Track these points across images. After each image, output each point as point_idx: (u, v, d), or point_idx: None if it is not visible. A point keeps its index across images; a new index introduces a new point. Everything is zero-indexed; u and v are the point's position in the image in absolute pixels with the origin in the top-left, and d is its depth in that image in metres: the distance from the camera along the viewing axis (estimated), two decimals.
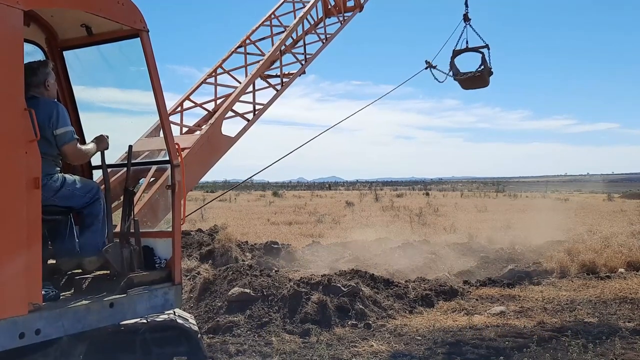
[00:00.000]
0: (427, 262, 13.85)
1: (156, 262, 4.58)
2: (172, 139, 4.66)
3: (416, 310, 9.43)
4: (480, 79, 12.02)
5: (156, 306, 4.38)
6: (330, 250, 15.95)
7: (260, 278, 9.16)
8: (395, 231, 20.08)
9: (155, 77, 4.45)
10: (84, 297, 3.97)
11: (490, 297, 10.52)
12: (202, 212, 27.08)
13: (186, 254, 13.49)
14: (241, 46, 8.31)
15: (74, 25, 4.56)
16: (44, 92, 4.12)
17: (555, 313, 9.20)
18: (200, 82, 7.86)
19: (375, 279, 10.40)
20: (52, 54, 4.77)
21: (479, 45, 12.05)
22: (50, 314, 3.58)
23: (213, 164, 7.01)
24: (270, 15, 8.82)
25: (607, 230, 17.69)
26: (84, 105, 5.07)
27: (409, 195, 54.47)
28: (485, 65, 11.85)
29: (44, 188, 3.70)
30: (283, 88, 8.64)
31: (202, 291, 9.32)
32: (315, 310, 8.42)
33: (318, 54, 9.56)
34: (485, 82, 12.12)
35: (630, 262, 13.14)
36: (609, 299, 10.11)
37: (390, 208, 33.09)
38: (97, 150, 4.36)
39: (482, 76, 11.97)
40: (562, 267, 12.64)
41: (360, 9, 10.70)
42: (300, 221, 25.59)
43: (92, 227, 4.26)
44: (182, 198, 4.62)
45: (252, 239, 17.48)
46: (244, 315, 8.31)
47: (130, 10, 4.30)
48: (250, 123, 7.88)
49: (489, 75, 11.98)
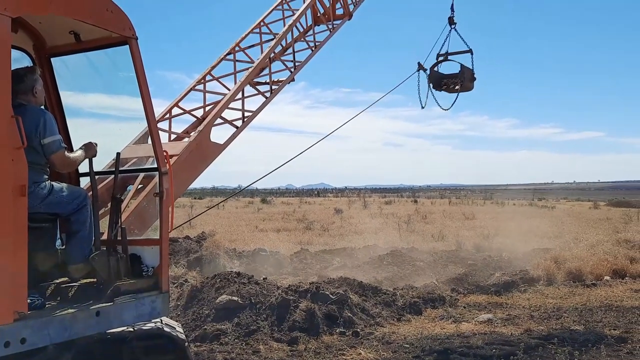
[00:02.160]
0: (415, 270, 13.89)
1: (143, 269, 4.55)
2: (160, 146, 4.64)
3: (404, 318, 9.45)
4: (463, 87, 12.02)
5: (143, 314, 4.35)
6: (318, 258, 15.95)
7: (248, 285, 9.14)
8: (384, 238, 20.11)
9: (143, 85, 4.44)
10: (70, 305, 3.93)
11: (477, 304, 10.57)
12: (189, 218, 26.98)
13: (174, 261, 13.43)
14: (230, 53, 8.31)
15: (62, 32, 4.53)
16: (31, 99, 4.09)
17: (542, 321, 9.26)
18: (189, 89, 7.84)
19: (364, 286, 10.41)
20: (39, 60, 4.74)
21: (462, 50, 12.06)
22: (35, 322, 3.54)
23: (202, 171, 6.99)
24: (259, 23, 8.83)
25: (593, 238, 17.85)
26: (72, 111, 5.04)
27: (397, 202, 54.60)
28: (464, 74, 11.82)
29: (31, 195, 3.67)
30: (272, 95, 8.65)
31: (189, 299, 9.27)
32: (304, 318, 8.41)
33: (307, 61, 9.58)
34: (467, 88, 12.11)
35: (616, 270, 13.28)
36: (594, 306, 10.20)
37: (379, 215, 33.14)
38: (85, 157, 4.33)
39: (463, 86, 11.97)
40: (548, 275, 12.73)
41: (350, 17, 10.74)
42: (289, 228, 25.57)
43: (78, 234, 4.23)
44: (170, 205, 4.60)
45: (240, 245, 17.43)
46: (231, 323, 8.28)
47: (119, 18, 4.29)
48: (239, 130, 7.87)
49: (472, 81, 11.97)
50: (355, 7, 10.93)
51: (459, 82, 11.83)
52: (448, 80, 11.98)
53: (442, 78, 12.03)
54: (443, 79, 12.01)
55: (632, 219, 27.67)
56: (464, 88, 11.96)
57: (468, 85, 11.99)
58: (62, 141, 4.12)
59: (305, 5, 9.48)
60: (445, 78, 12.01)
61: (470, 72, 11.85)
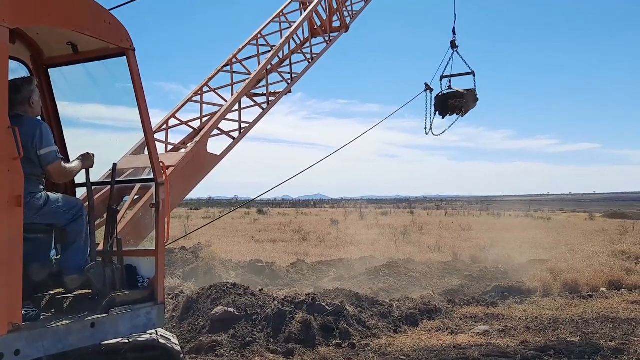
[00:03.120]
0: (411, 281, 13.87)
1: (139, 281, 4.53)
2: (157, 157, 4.64)
3: (400, 330, 9.42)
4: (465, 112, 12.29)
5: (138, 326, 4.33)
6: (314, 269, 15.92)
7: (244, 297, 9.10)
8: (380, 249, 20.09)
9: (140, 96, 4.45)
10: (65, 316, 3.91)
11: (474, 316, 10.55)
12: (185, 230, 26.89)
13: (169, 272, 13.37)
14: (228, 65, 8.34)
15: (60, 43, 4.54)
16: (28, 109, 4.09)
17: (538, 332, 9.24)
18: (187, 100, 7.87)
19: (360, 297, 10.38)
20: (37, 71, 4.75)
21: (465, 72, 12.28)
22: (30, 334, 3.52)
23: (198, 182, 6.98)
24: (257, 35, 8.87)
25: (588, 249, 17.88)
26: (69, 121, 5.04)
27: (393, 213, 54.56)
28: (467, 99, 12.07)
29: (27, 206, 3.66)
30: (269, 106, 8.67)
31: (185, 310, 9.22)
32: (300, 330, 8.38)
33: (304, 73, 9.63)
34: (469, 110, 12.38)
35: (612, 282, 13.29)
36: (591, 318, 10.19)
37: (375, 226, 33.11)
38: (82, 167, 4.33)
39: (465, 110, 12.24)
40: (545, 286, 12.73)
41: (346, 29, 10.82)
42: (285, 239, 25.51)
43: (74, 245, 4.21)
44: (167, 216, 4.60)
45: (236, 257, 17.38)
46: (227, 334, 8.23)
47: (116, 29, 4.31)
48: (236, 141, 7.88)
49: (475, 101, 12.19)
50: (352, 20, 11.02)
51: (462, 108, 12.10)
52: (452, 102, 12.19)
53: (447, 99, 12.22)
54: (448, 100, 12.20)
55: (627, 230, 27.72)
56: (465, 112, 12.21)
57: (470, 108, 12.26)
58: (59, 152, 4.12)
59: (302, 18, 9.54)
60: (450, 99, 12.19)
61: (473, 95, 12.08)
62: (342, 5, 10.65)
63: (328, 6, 10.37)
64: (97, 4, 4.21)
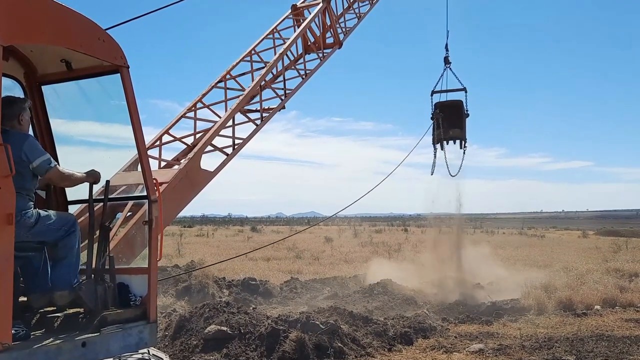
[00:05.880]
0: (406, 299, 13.80)
1: (131, 299, 4.48)
2: (150, 174, 4.62)
3: (395, 348, 9.35)
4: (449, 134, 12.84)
5: (130, 345, 4.27)
6: (308, 287, 15.83)
7: (238, 315, 9.02)
8: (374, 267, 20.00)
9: (134, 113, 4.44)
10: (55, 336, 3.85)
11: (469, 334, 10.49)
12: (178, 247, 26.73)
13: (162, 290, 13.25)
14: (221, 81, 8.36)
15: (53, 60, 4.54)
16: (16, 125, 4.05)
17: (533, 351, 9.19)
18: (180, 116, 7.86)
19: (354, 316, 10.32)
20: (30, 88, 4.73)
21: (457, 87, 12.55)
22: (19, 354, 3.46)
23: (191, 198, 6.96)
24: (250, 51, 8.92)
25: (582, 267, 17.88)
26: (62, 138, 5.01)
27: (387, 231, 54.49)
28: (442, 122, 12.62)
29: (18, 224, 3.61)
30: (263, 123, 8.69)
31: (177, 329, 9.12)
32: (293, 349, 8.29)
33: (298, 89, 9.67)
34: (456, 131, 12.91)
35: (606, 299, 13.28)
36: (586, 336, 10.15)
37: (369, 244, 33.02)
38: (85, 181, 4.30)
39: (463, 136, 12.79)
40: (539, 304, 12.71)
41: (340, 45, 10.90)
42: (279, 257, 25.38)
43: (65, 260, 4.16)
44: (160, 233, 4.56)
45: (229, 275, 17.26)
46: (220, 354, 8.14)
47: (110, 47, 4.31)
48: (229, 157, 7.87)
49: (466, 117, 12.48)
50: (346, 36, 11.11)
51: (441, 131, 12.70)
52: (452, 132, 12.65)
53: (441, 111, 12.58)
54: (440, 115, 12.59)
55: (621, 248, 27.75)
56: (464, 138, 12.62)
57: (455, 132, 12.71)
58: (51, 157, 4.09)
59: (295, 34, 9.61)
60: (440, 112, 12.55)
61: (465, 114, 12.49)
62: (335, 22, 10.74)
63: (321, 23, 10.46)
64: (91, 21, 4.21)
